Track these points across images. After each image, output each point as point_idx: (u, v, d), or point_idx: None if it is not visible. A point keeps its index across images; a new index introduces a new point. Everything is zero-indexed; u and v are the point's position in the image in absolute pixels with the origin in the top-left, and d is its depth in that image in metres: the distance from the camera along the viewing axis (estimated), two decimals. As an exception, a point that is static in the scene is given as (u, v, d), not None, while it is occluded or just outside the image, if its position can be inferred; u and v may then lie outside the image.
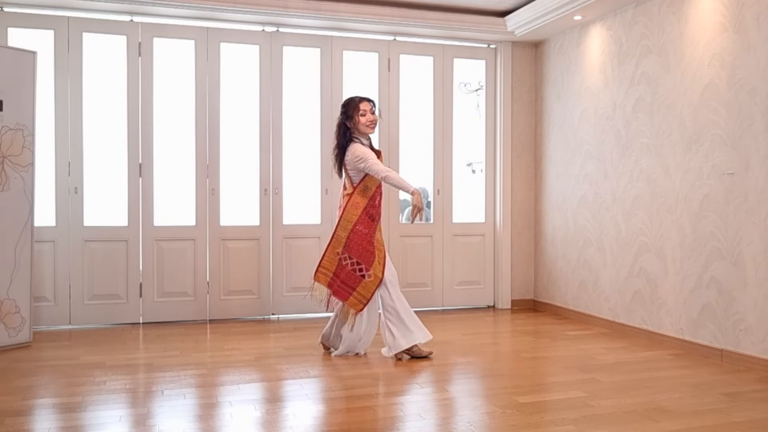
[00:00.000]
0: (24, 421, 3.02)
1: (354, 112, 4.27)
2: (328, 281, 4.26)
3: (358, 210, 4.24)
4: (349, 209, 4.24)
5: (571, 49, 5.74)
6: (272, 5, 5.30)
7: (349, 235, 4.21)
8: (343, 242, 4.23)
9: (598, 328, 5.28)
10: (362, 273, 4.22)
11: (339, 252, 4.24)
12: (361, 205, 4.24)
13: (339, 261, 4.24)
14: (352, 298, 4.23)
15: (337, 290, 4.24)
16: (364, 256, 4.22)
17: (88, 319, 5.28)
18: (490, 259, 6.29)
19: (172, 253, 5.45)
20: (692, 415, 3.13)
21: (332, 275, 4.25)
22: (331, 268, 4.26)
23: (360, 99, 4.32)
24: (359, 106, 4.28)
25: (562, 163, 5.87)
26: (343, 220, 4.24)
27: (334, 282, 4.25)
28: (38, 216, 4.85)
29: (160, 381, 3.70)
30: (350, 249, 4.22)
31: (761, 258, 3.93)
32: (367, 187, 4.27)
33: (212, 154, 5.52)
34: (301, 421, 3.04)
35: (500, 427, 2.98)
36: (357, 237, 4.21)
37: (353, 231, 4.22)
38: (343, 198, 4.34)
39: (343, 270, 4.23)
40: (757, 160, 3.95)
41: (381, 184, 4.30)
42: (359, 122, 4.26)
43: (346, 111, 4.30)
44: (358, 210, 4.24)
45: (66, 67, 5.18)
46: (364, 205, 4.25)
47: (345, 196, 4.32)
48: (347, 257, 4.23)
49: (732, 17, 4.13)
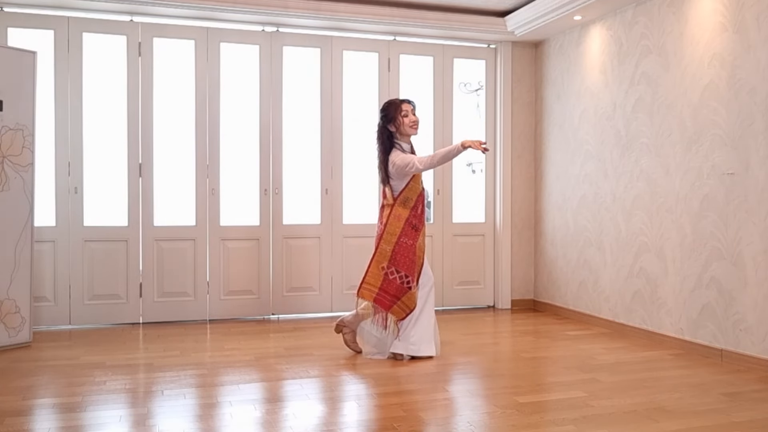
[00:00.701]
0: (24, 421, 3.02)
1: (396, 113, 4.17)
2: (374, 297, 4.14)
3: (401, 222, 4.15)
4: (392, 222, 4.15)
5: (571, 49, 5.74)
6: (272, 5, 5.30)
7: (394, 248, 4.12)
8: (389, 256, 4.12)
9: (598, 328, 5.28)
10: (409, 285, 4.13)
11: (384, 267, 4.13)
12: (403, 216, 4.16)
13: (385, 276, 4.13)
14: (395, 307, 4.13)
15: (384, 303, 4.12)
16: (410, 268, 4.14)
17: (88, 319, 5.28)
18: (490, 259, 6.29)
19: (172, 253, 5.45)
20: (692, 415, 3.13)
21: (378, 290, 4.13)
22: (376, 284, 4.14)
23: (401, 100, 4.23)
24: (401, 107, 4.19)
25: (562, 163, 5.87)
26: (387, 233, 4.14)
27: (382, 297, 4.13)
28: (38, 216, 4.85)
29: (160, 381, 3.70)
30: (397, 263, 4.12)
31: (761, 258, 3.93)
32: (408, 198, 4.18)
33: (212, 154, 5.52)
34: (301, 421, 3.04)
35: (500, 427, 2.98)
36: (402, 249, 4.13)
37: (398, 244, 4.12)
38: (383, 209, 4.24)
39: (391, 284, 4.12)
40: (757, 160, 3.95)
41: (422, 192, 4.23)
42: (403, 123, 4.17)
43: (387, 114, 4.19)
44: (401, 222, 4.15)
45: (66, 67, 5.18)
46: (406, 216, 4.16)
47: (385, 207, 4.22)
48: (394, 271, 4.13)
49: (732, 17, 4.13)
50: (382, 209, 4.27)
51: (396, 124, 4.18)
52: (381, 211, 4.28)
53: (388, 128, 4.20)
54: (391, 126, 4.19)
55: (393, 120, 4.18)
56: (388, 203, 4.20)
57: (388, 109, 4.21)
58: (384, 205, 4.24)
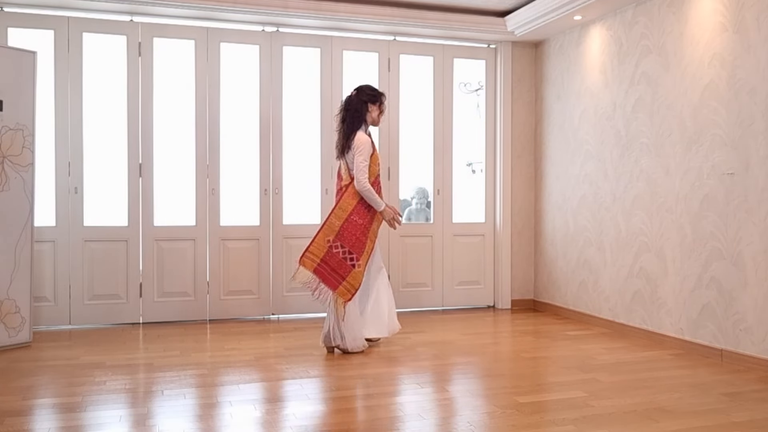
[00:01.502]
0: (24, 421, 3.02)
1: (379, 102, 4.41)
2: (314, 267, 4.24)
3: (355, 200, 4.27)
4: (346, 198, 4.28)
5: (571, 49, 5.74)
6: (272, 5, 5.30)
7: (342, 224, 4.24)
8: (336, 230, 4.23)
9: (598, 328, 5.28)
10: (353, 262, 4.23)
11: (330, 240, 4.24)
12: (358, 195, 4.27)
13: (329, 248, 4.23)
14: (341, 287, 4.23)
15: (327, 277, 4.22)
16: (356, 246, 4.24)
17: (88, 319, 5.28)
18: (490, 259, 6.29)
19: (172, 253, 5.45)
20: (692, 415, 3.13)
21: (320, 261, 4.23)
22: (319, 254, 4.24)
23: (382, 92, 4.48)
24: (383, 99, 4.45)
25: (562, 163, 5.87)
26: (338, 208, 4.27)
27: (323, 268, 4.23)
28: (38, 216, 4.85)
29: (160, 381, 3.70)
30: (342, 238, 4.23)
31: (761, 258, 3.93)
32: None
33: (212, 154, 5.52)
34: (301, 421, 3.04)
35: (500, 427, 2.98)
36: (351, 226, 4.24)
37: (347, 220, 4.24)
38: (340, 186, 4.36)
39: (333, 258, 4.23)
40: (757, 160, 3.95)
41: (379, 176, 4.38)
42: (380, 113, 4.44)
43: (373, 96, 4.40)
44: (354, 200, 4.27)
45: (66, 67, 5.18)
46: (360, 197, 4.28)
47: (342, 186, 4.34)
48: (339, 245, 4.23)
49: (732, 17, 4.13)
50: (338, 185, 4.41)
51: (375, 112, 4.41)
52: (336, 186, 4.43)
53: (366, 105, 4.38)
54: (370, 106, 4.38)
55: (376, 105, 4.41)
56: (344, 183, 4.32)
57: (374, 93, 4.42)
58: (341, 183, 4.37)
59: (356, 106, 4.36)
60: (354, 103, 4.37)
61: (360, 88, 4.43)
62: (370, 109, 4.38)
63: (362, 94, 4.38)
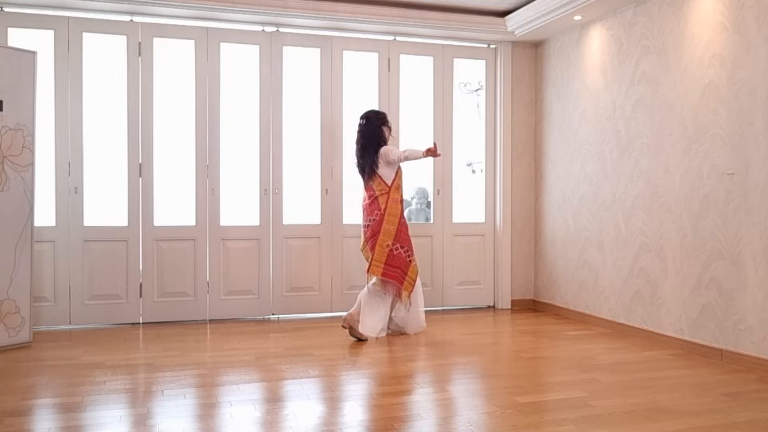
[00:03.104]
0: (24, 421, 3.02)
1: (388, 124, 5.01)
2: (381, 271, 4.77)
3: (399, 204, 4.88)
4: (391, 205, 4.84)
5: (571, 49, 5.74)
6: (272, 5, 5.30)
7: (398, 228, 4.83)
8: (393, 235, 4.81)
9: (598, 328, 5.28)
10: (410, 258, 4.87)
11: (389, 244, 4.79)
12: (398, 200, 4.90)
13: (390, 252, 4.78)
14: (405, 282, 4.81)
15: (395, 276, 4.78)
16: (409, 242, 4.89)
17: (88, 319, 5.28)
18: (490, 259, 6.29)
19: (172, 253, 5.45)
20: (692, 415, 3.13)
21: (384, 265, 4.77)
22: (382, 260, 4.78)
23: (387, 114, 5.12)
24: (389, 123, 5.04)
25: (562, 163, 5.87)
26: (389, 215, 4.82)
27: (388, 270, 4.78)
28: (38, 216, 4.85)
29: (160, 381, 3.70)
30: (401, 239, 4.83)
31: (761, 258, 3.93)
32: (399, 185, 4.92)
33: (212, 154, 5.52)
34: (301, 421, 3.05)
35: (500, 427, 2.98)
36: (403, 228, 4.87)
37: (400, 223, 4.85)
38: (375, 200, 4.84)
39: (396, 259, 4.79)
40: (757, 160, 3.95)
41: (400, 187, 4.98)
42: (389, 134, 5.03)
43: (385, 120, 5.01)
44: (398, 204, 4.88)
45: (66, 67, 5.18)
46: (400, 200, 4.91)
47: (382, 195, 4.85)
48: (398, 246, 4.82)
49: (732, 17, 4.13)
50: (374, 200, 4.88)
51: (386, 133, 4.99)
52: (373, 202, 4.88)
53: (382, 128, 4.96)
54: (384, 129, 4.98)
55: (387, 126, 5.00)
56: (383, 192, 4.86)
57: (383, 116, 5.02)
58: (376, 196, 4.86)
59: (375, 131, 4.92)
60: (372, 128, 4.93)
61: (368, 116, 4.97)
62: (384, 130, 4.96)
63: (375, 120, 4.95)
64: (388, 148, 4.92)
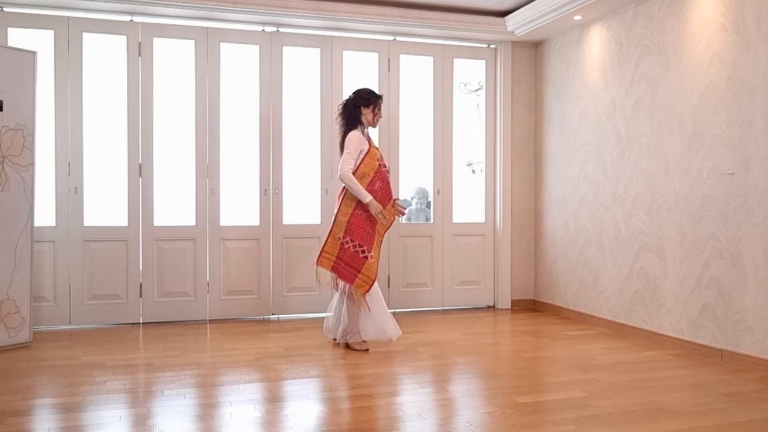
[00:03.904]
0: (24, 421, 3.02)
1: (375, 105, 4.51)
2: (331, 265, 4.41)
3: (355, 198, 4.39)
4: (349, 194, 4.40)
5: (571, 49, 5.74)
6: (272, 5, 5.30)
7: (349, 219, 4.38)
8: (344, 227, 4.39)
9: (598, 328, 5.28)
10: (365, 255, 4.39)
11: (340, 237, 4.40)
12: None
13: (341, 245, 4.39)
14: (358, 279, 4.38)
15: (343, 272, 4.39)
16: (365, 238, 4.40)
17: (88, 319, 5.28)
18: (490, 259, 6.29)
19: (172, 253, 5.45)
20: (692, 415, 3.13)
21: (335, 258, 4.41)
22: (333, 252, 4.42)
23: (380, 95, 4.57)
24: (379, 103, 4.54)
25: (562, 163, 5.87)
26: (343, 205, 4.41)
27: (338, 265, 4.40)
28: (38, 216, 4.85)
29: (160, 381, 3.70)
30: (351, 232, 4.38)
31: (761, 258, 3.93)
32: (365, 174, 4.41)
33: (212, 154, 5.52)
34: (301, 421, 3.05)
35: (500, 427, 2.98)
36: (357, 220, 4.38)
37: (353, 215, 4.38)
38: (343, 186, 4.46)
39: (345, 252, 4.39)
40: (757, 160, 3.95)
41: (380, 168, 4.48)
42: (375, 116, 4.53)
43: (368, 100, 4.49)
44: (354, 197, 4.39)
45: (66, 67, 5.18)
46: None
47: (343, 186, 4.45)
48: (348, 240, 4.39)
49: (732, 17, 4.13)
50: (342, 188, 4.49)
51: (369, 115, 4.51)
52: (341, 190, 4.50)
53: (360, 108, 4.48)
54: (363, 109, 4.49)
55: (370, 108, 4.50)
56: None
57: (370, 97, 4.51)
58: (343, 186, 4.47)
59: (350, 110, 4.50)
60: (349, 106, 4.52)
61: (357, 92, 4.55)
62: (364, 112, 4.49)
63: (357, 99, 4.51)
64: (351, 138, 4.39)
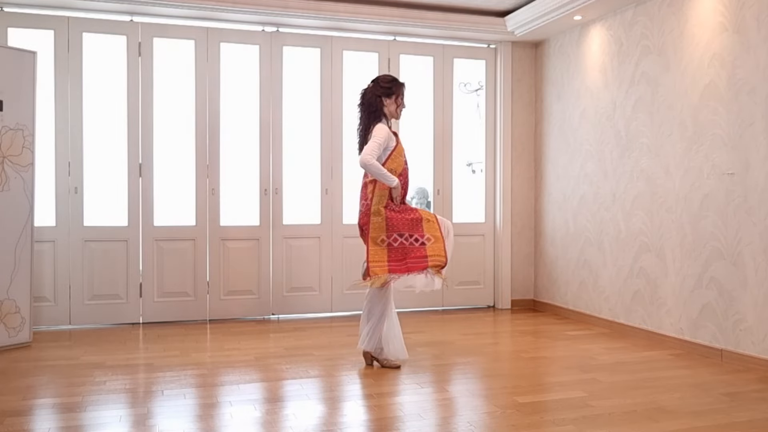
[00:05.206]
0: (24, 421, 3.02)
1: (398, 95, 4.03)
2: (387, 269, 3.87)
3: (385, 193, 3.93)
4: (378, 193, 3.92)
5: (571, 49, 5.74)
6: (272, 5, 5.30)
7: (386, 221, 3.90)
8: (384, 227, 3.90)
9: (598, 328, 5.28)
10: (421, 242, 3.89)
11: (384, 238, 3.90)
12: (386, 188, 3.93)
13: (388, 246, 3.90)
14: (431, 261, 3.86)
15: (412, 267, 3.86)
16: (412, 226, 3.90)
17: (88, 319, 5.28)
18: (490, 259, 6.29)
19: (172, 253, 5.45)
20: (692, 415, 3.13)
21: (388, 261, 3.89)
22: (383, 258, 3.89)
23: (403, 85, 4.09)
24: (403, 91, 4.07)
25: (562, 163, 5.87)
26: (373, 215, 3.91)
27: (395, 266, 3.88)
28: (38, 216, 4.85)
29: (160, 381, 3.70)
30: (395, 228, 3.89)
31: (761, 258, 3.93)
32: (393, 170, 3.92)
33: (212, 154, 5.52)
34: (301, 421, 3.05)
35: (500, 427, 2.98)
36: (393, 214, 3.91)
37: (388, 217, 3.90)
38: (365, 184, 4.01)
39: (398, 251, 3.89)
40: (757, 160, 3.95)
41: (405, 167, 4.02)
42: (398, 107, 4.05)
43: (390, 89, 4.01)
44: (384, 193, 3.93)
45: (66, 67, 5.18)
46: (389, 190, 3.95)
47: (371, 181, 3.95)
48: (397, 237, 3.90)
49: (732, 17, 4.13)
50: (363, 187, 4.02)
51: (391, 106, 4.03)
52: (363, 189, 4.02)
53: (381, 99, 3.99)
54: (386, 99, 4.00)
55: (392, 99, 4.02)
56: (371, 180, 3.95)
57: (392, 85, 4.03)
58: (366, 182, 4.00)
59: (371, 100, 3.99)
60: (368, 97, 4.01)
61: (376, 80, 4.05)
62: (386, 102, 3.99)
63: (377, 88, 4.00)
64: (380, 128, 3.92)
